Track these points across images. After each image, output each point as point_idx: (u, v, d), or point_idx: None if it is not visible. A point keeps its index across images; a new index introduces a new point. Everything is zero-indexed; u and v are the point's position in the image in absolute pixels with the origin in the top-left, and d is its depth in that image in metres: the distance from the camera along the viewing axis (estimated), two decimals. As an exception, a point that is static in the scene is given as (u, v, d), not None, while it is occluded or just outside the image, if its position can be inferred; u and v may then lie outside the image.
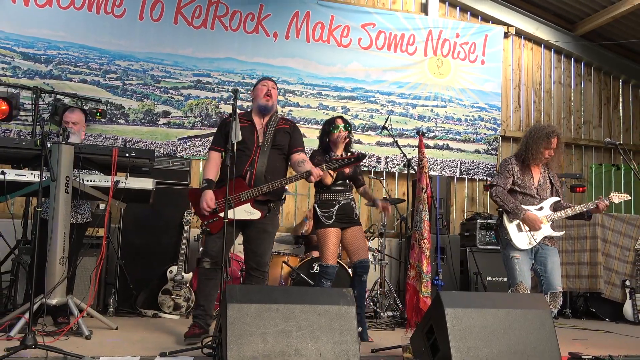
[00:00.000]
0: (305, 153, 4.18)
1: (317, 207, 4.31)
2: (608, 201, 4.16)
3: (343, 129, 4.35)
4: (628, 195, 4.27)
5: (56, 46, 6.59)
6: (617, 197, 4.20)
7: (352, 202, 4.36)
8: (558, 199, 4.23)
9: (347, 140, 4.38)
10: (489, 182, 4.25)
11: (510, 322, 2.96)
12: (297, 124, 4.28)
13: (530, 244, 4.03)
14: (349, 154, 4.34)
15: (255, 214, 3.80)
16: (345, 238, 4.32)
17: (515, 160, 4.22)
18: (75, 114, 4.56)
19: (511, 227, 4.05)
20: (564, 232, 4.27)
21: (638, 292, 6.16)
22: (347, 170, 4.27)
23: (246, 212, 3.78)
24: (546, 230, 4.05)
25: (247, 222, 3.85)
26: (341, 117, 4.49)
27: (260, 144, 3.94)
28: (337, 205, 4.26)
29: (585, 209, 4.15)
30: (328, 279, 4.20)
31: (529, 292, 3.98)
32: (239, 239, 4.08)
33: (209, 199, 3.81)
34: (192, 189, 4.52)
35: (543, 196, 4.16)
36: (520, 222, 4.04)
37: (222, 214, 3.65)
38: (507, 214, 4.07)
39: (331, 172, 3.99)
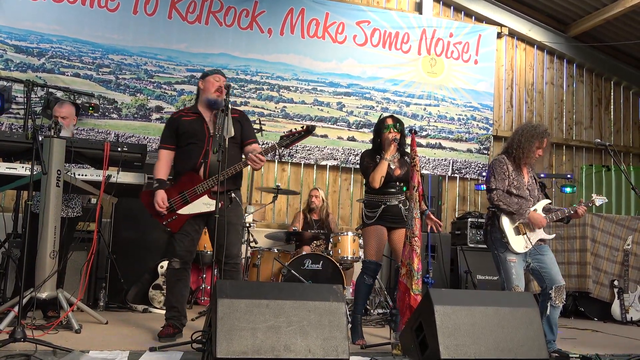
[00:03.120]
0: (259, 144, 4.08)
1: (364, 206, 4.26)
2: (590, 204, 4.18)
3: (394, 129, 4.18)
4: (606, 198, 4.28)
5: (49, 39, 6.56)
6: (598, 199, 4.22)
7: (401, 205, 4.18)
8: (549, 201, 4.22)
9: (398, 141, 4.17)
10: (487, 186, 4.16)
11: (499, 319, 2.98)
12: (246, 114, 4.20)
13: (526, 247, 4.00)
14: (406, 157, 4.26)
15: (212, 205, 3.72)
16: (392, 240, 4.21)
17: (507, 159, 4.12)
18: (64, 107, 4.53)
19: (509, 230, 3.99)
20: (555, 234, 4.27)
21: (626, 292, 6.21)
22: (397, 172, 4.17)
23: (204, 204, 3.76)
24: (540, 233, 4.04)
25: (209, 217, 3.79)
26: (392, 117, 4.28)
27: (211, 134, 3.85)
28: (383, 207, 4.14)
29: (567, 214, 4.14)
30: (369, 275, 4.13)
31: None
32: None
33: (160, 199, 3.78)
34: (145, 190, 4.06)
35: (534, 197, 4.15)
36: (518, 225, 4.00)
37: (180, 211, 3.77)
38: (510, 215, 3.99)
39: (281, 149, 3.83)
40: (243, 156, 4.02)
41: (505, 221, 4.00)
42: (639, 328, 5.86)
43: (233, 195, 3.89)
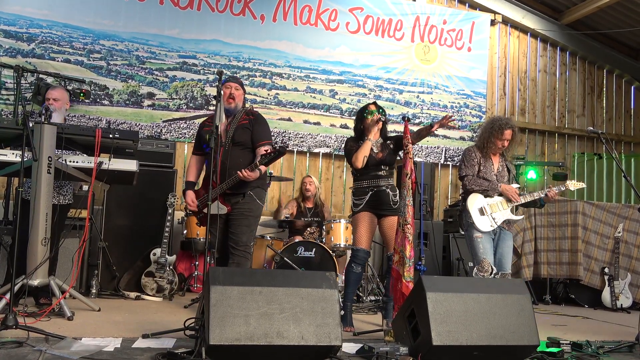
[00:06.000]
0: (274, 143, 4.35)
1: (352, 194, 4.32)
2: (563, 188, 4.49)
3: (378, 113, 4.27)
4: (583, 184, 4.62)
5: (39, 24, 6.48)
6: (573, 185, 4.53)
7: (389, 190, 4.21)
8: (518, 185, 4.52)
9: (381, 124, 4.27)
10: (459, 174, 4.54)
11: (491, 306, 3.00)
12: (260, 115, 4.38)
13: (491, 226, 4.35)
14: (388, 141, 4.36)
15: (223, 209, 4.15)
16: (382, 227, 4.24)
17: (476, 148, 4.54)
18: (57, 90, 4.58)
19: (474, 211, 4.36)
20: (523, 216, 4.62)
21: (616, 280, 6.27)
22: (379, 155, 4.23)
23: (218, 208, 4.12)
24: (506, 214, 4.39)
25: (227, 216, 4.18)
26: (374, 103, 4.41)
27: (223, 143, 4.16)
28: (370, 193, 4.19)
29: (536, 197, 4.45)
30: (358, 263, 4.18)
31: (492, 267, 4.25)
32: None
33: (189, 199, 4.33)
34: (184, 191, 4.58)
35: (501, 182, 4.47)
36: (483, 206, 4.36)
37: (204, 210, 4.20)
38: (484, 193, 4.38)
39: (262, 167, 4.04)
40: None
41: (470, 203, 4.38)
42: (629, 315, 5.92)
43: (250, 192, 4.19)
